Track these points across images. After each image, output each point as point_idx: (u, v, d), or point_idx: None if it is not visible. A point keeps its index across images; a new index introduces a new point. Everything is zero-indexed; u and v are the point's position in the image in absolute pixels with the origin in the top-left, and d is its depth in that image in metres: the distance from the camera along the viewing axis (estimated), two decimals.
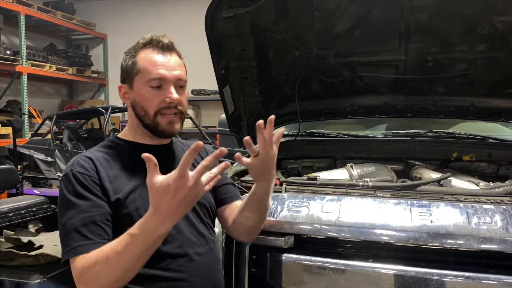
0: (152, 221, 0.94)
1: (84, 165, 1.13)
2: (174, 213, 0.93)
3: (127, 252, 0.96)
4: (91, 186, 1.09)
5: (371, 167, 1.84)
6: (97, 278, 0.99)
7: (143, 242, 0.95)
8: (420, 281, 1.22)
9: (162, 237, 0.97)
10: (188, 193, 0.91)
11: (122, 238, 0.98)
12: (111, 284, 0.99)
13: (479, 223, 1.22)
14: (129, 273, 0.99)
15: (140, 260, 0.98)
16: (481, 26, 1.79)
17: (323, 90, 2.19)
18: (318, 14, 1.84)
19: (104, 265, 0.98)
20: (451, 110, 2.15)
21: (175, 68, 1.18)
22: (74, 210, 1.06)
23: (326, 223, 1.34)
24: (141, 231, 0.95)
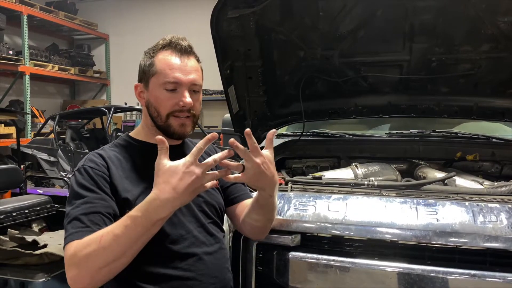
0: (154, 202, 0.95)
1: (95, 161, 1.15)
2: (177, 197, 0.94)
3: (124, 234, 0.96)
4: (100, 181, 1.11)
5: (376, 167, 1.85)
6: (88, 260, 0.97)
7: (142, 224, 0.95)
8: (426, 279, 1.23)
9: (161, 222, 0.97)
10: (194, 180, 0.93)
11: (121, 220, 0.98)
12: (102, 269, 0.97)
13: (485, 222, 1.23)
14: (122, 257, 0.98)
15: (135, 244, 0.98)
16: (485, 26, 1.80)
17: (327, 90, 2.20)
18: (322, 14, 1.85)
19: (97, 247, 0.97)
20: (454, 110, 2.16)
21: (191, 72, 1.19)
22: (79, 200, 1.08)
23: (333, 222, 1.35)
24: (142, 212, 0.96)
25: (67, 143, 5.58)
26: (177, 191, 0.94)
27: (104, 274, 0.99)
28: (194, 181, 0.94)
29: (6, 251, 2.43)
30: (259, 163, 1.05)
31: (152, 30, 7.20)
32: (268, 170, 1.07)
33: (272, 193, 1.14)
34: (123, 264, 1.00)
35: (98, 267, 0.97)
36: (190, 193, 0.95)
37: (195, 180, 0.94)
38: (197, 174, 0.94)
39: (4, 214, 2.87)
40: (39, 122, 6.80)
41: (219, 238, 1.26)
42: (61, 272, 2.44)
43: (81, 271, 0.98)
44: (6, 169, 3.43)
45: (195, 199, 1.22)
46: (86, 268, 0.97)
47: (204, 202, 1.24)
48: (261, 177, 1.07)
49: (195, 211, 1.21)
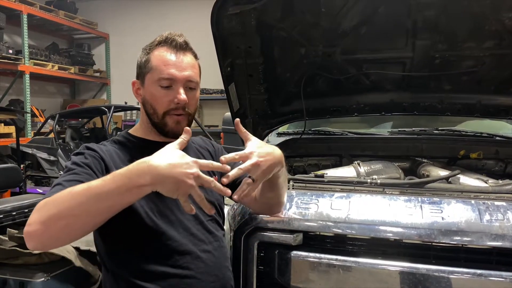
0: (141, 164, 0.91)
1: (91, 147, 1.15)
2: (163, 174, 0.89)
3: (97, 186, 0.91)
4: (92, 162, 1.10)
5: (378, 165, 1.82)
6: (52, 203, 0.92)
7: (118, 183, 0.90)
8: (431, 279, 1.20)
9: (136, 192, 0.91)
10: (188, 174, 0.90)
11: (103, 177, 0.95)
12: (60, 218, 0.91)
13: (491, 220, 1.21)
14: (83, 215, 0.91)
15: (102, 203, 0.91)
16: (489, 22, 1.77)
17: (329, 87, 2.18)
18: (324, 11, 1.82)
19: (66, 192, 0.92)
20: (457, 107, 2.14)
21: (187, 68, 1.17)
22: (67, 172, 1.07)
23: (336, 220, 1.32)
24: (125, 171, 0.91)
25: (67, 142, 5.57)
26: (169, 167, 0.89)
27: (59, 227, 0.91)
28: (188, 174, 0.90)
29: (5, 251, 2.42)
30: (256, 161, 1.03)
31: (152, 29, 7.14)
32: (267, 155, 1.06)
33: (282, 165, 1.13)
34: (81, 226, 0.93)
35: (56, 214, 0.90)
36: (175, 183, 0.90)
37: (190, 175, 0.90)
38: (195, 173, 0.92)
39: (3, 213, 2.86)
40: (39, 121, 6.79)
41: (219, 236, 1.24)
42: (61, 272, 2.43)
43: (39, 216, 0.91)
44: (5, 169, 3.41)
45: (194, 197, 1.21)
46: (48, 212, 0.91)
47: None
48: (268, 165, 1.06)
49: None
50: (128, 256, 1.12)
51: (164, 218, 1.13)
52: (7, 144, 5.84)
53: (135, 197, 0.94)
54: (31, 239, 0.93)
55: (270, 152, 1.07)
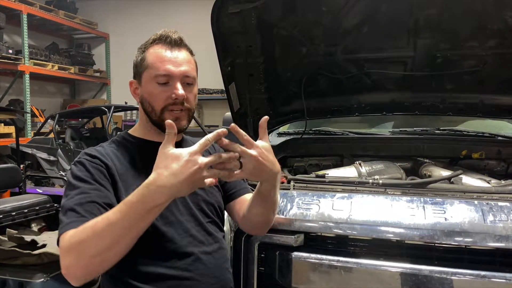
0: (151, 187, 0.90)
1: (92, 154, 1.13)
2: (175, 185, 0.89)
3: (118, 220, 0.92)
4: (95, 173, 1.08)
5: (380, 165, 1.81)
6: (80, 246, 0.93)
7: (137, 211, 0.91)
8: (434, 280, 1.19)
9: (157, 209, 0.93)
10: (196, 170, 0.89)
11: (117, 206, 0.95)
12: (95, 257, 0.93)
13: (495, 221, 1.20)
14: (115, 246, 0.93)
15: (129, 232, 0.93)
16: (492, 21, 1.76)
17: (330, 87, 2.17)
18: (325, 9, 1.81)
19: (90, 233, 0.93)
20: (459, 107, 2.13)
21: (183, 64, 1.16)
22: (74, 191, 1.05)
23: (337, 221, 1.31)
24: (137, 197, 0.91)
25: (67, 142, 5.55)
26: (177, 177, 0.89)
27: (97, 263, 0.94)
28: (196, 171, 0.89)
29: (4, 251, 2.41)
30: (256, 155, 0.99)
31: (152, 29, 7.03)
32: (267, 160, 1.02)
33: (275, 183, 1.09)
34: (116, 255, 0.95)
35: (91, 255, 0.93)
36: (189, 184, 0.90)
37: (197, 170, 0.89)
38: (200, 165, 0.90)
39: (3, 213, 2.85)
40: (38, 121, 6.77)
41: (218, 237, 1.23)
42: (60, 272, 2.41)
43: (74, 259, 0.94)
44: (5, 169, 3.41)
45: (194, 198, 1.20)
46: (79, 255, 0.93)
47: (203, 201, 1.22)
48: (262, 169, 1.02)
49: (193, 209, 1.19)
50: (127, 258, 1.10)
51: (163, 219, 1.12)
52: (7, 144, 5.83)
53: (157, 214, 0.95)
54: (72, 279, 0.97)
55: (271, 161, 1.04)
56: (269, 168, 1.03)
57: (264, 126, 1.07)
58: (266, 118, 1.08)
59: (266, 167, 1.02)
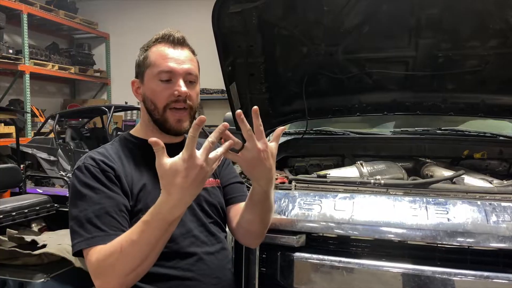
0: (165, 205, 0.92)
1: (96, 158, 1.12)
2: (187, 193, 0.91)
3: (142, 239, 0.94)
4: (103, 179, 1.08)
5: (382, 165, 1.81)
6: (113, 269, 0.97)
7: (158, 228, 0.94)
8: (436, 281, 1.19)
9: (177, 220, 0.95)
10: (199, 172, 0.90)
11: (136, 226, 0.96)
12: (129, 274, 0.97)
13: (498, 221, 1.19)
14: (146, 261, 0.97)
15: (156, 246, 0.96)
16: (493, 21, 1.75)
17: (331, 87, 2.16)
18: (326, 9, 1.80)
19: (119, 256, 0.96)
20: (461, 107, 2.12)
21: (185, 62, 1.16)
22: (86, 201, 1.05)
23: (339, 221, 1.31)
24: (155, 216, 0.93)
25: (67, 142, 5.55)
26: (185, 188, 0.90)
27: (132, 278, 0.98)
28: (199, 173, 0.90)
29: (5, 251, 2.40)
30: (260, 149, 0.99)
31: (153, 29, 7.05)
32: (267, 161, 1.01)
33: (268, 189, 1.08)
34: (150, 264, 0.99)
35: (125, 274, 0.97)
36: (198, 184, 0.92)
37: (200, 171, 0.90)
38: (200, 165, 0.90)
39: (3, 213, 2.84)
40: (39, 121, 6.77)
41: (221, 238, 1.22)
42: (60, 272, 2.41)
43: (109, 279, 0.98)
44: (5, 169, 3.40)
45: (196, 198, 1.19)
46: (113, 276, 0.97)
47: (206, 202, 1.21)
48: (258, 165, 1.01)
49: (195, 210, 1.18)
50: None
51: None
52: (7, 144, 5.82)
53: (178, 221, 0.97)
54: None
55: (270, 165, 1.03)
56: (265, 169, 1.02)
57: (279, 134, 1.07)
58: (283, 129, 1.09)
59: (263, 166, 1.01)
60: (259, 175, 1.04)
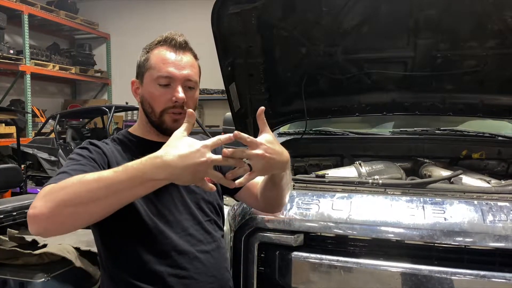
0: (154, 160, 0.89)
1: (95, 143, 1.15)
2: (178, 167, 0.88)
3: (108, 177, 0.89)
4: (96, 157, 1.10)
5: (380, 165, 1.81)
6: (59, 190, 0.90)
7: (131, 176, 0.88)
8: (433, 280, 1.19)
9: (150, 185, 0.90)
10: (203, 162, 0.89)
11: (113, 168, 0.94)
12: (67, 205, 0.88)
13: (494, 221, 1.20)
14: (91, 204, 0.89)
15: (113, 195, 0.89)
16: (492, 21, 1.76)
17: (330, 87, 2.17)
18: (325, 10, 1.81)
19: (76, 180, 0.90)
20: (459, 107, 2.12)
21: (186, 67, 1.16)
22: (71, 162, 1.06)
23: (337, 221, 1.31)
24: (137, 164, 0.89)
25: (68, 143, 5.56)
26: (183, 161, 0.88)
27: (66, 214, 0.89)
28: (202, 162, 0.89)
29: (5, 251, 2.41)
30: (263, 153, 0.98)
31: (153, 29, 7.11)
32: (274, 153, 1.00)
33: (286, 169, 1.10)
34: (88, 215, 0.91)
35: (65, 200, 0.88)
36: (191, 173, 0.89)
37: (204, 162, 0.89)
38: (208, 159, 0.89)
39: (4, 213, 2.85)
40: (39, 121, 6.78)
41: (217, 237, 1.23)
42: (61, 272, 2.42)
43: (46, 200, 0.89)
44: (6, 169, 3.41)
45: (193, 197, 1.20)
46: (53, 199, 0.89)
47: (202, 200, 1.22)
48: (271, 164, 1.01)
49: (191, 208, 1.19)
50: (125, 256, 1.11)
51: (162, 218, 1.12)
52: (8, 144, 5.83)
53: (148, 190, 0.92)
54: (35, 223, 0.90)
55: (278, 151, 1.03)
56: (278, 160, 1.02)
57: (262, 117, 1.06)
58: (262, 109, 1.07)
59: (274, 160, 1.01)
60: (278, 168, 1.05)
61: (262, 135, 1.03)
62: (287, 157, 1.07)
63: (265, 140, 1.01)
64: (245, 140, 0.97)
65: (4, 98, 6.71)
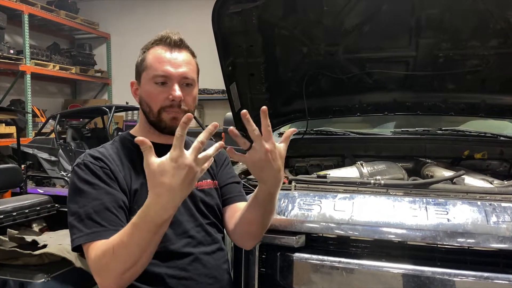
0: (153, 207, 0.90)
1: (95, 156, 1.13)
2: (176, 195, 0.88)
3: (132, 242, 0.93)
4: (102, 175, 1.08)
5: (382, 165, 1.80)
6: (108, 268, 0.97)
7: (147, 230, 0.92)
8: (436, 281, 1.18)
9: (167, 222, 0.94)
10: (188, 172, 0.87)
11: (127, 228, 0.95)
12: (124, 274, 0.96)
13: (498, 222, 1.19)
14: (139, 262, 0.96)
15: (147, 248, 0.95)
16: (494, 21, 1.75)
17: (331, 87, 2.16)
18: (327, 9, 1.80)
19: (112, 257, 0.96)
20: (461, 107, 2.11)
21: (181, 65, 1.16)
22: (86, 197, 1.05)
23: (339, 222, 1.30)
24: (144, 218, 0.91)
25: (68, 143, 5.55)
26: (174, 189, 0.87)
27: (128, 276, 0.98)
28: (187, 173, 0.87)
29: (5, 251, 2.41)
30: (268, 149, 0.97)
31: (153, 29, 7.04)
32: (274, 162, 0.99)
33: (274, 191, 1.06)
34: (144, 264, 0.98)
35: (120, 274, 0.96)
36: (188, 185, 0.89)
37: (189, 172, 0.87)
38: (189, 165, 0.87)
39: (4, 214, 2.85)
40: (40, 121, 6.78)
41: (218, 238, 1.23)
42: (61, 272, 2.41)
43: (106, 278, 0.98)
44: (6, 169, 3.41)
45: (194, 199, 1.19)
46: (109, 275, 0.97)
47: (203, 202, 1.22)
48: (266, 166, 0.99)
49: (192, 210, 1.18)
50: None
51: None
52: (8, 144, 5.83)
53: (169, 222, 0.95)
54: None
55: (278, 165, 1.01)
56: (273, 170, 1.00)
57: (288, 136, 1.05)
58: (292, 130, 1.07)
59: (270, 167, 0.99)
60: (267, 177, 1.02)
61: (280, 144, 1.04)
62: (280, 179, 1.05)
63: (278, 146, 1.01)
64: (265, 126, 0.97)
65: (4, 98, 6.71)
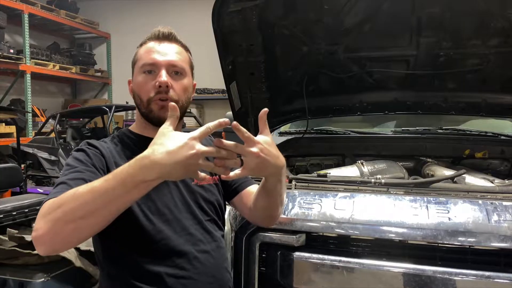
0: (143, 161, 0.86)
1: (93, 144, 1.14)
2: (169, 165, 0.85)
3: (101, 187, 0.87)
4: (94, 159, 1.09)
5: (382, 164, 1.80)
6: (57, 210, 0.89)
7: (124, 182, 0.86)
8: (437, 280, 1.18)
9: (143, 187, 0.88)
10: (192, 155, 0.85)
11: (103, 177, 0.91)
12: (68, 223, 0.88)
13: (499, 221, 1.18)
14: (91, 216, 0.88)
15: (110, 204, 0.88)
16: (495, 20, 1.75)
17: (332, 86, 2.15)
18: (327, 8, 1.80)
19: (70, 197, 0.89)
20: (462, 106, 2.11)
21: (169, 53, 1.17)
22: (70, 169, 1.05)
23: (339, 221, 1.30)
24: (127, 168, 0.87)
25: (68, 142, 5.55)
26: (171, 157, 0.85)
27: (68, 231, 0.88)
28: (192, 155, 0.85)
29: (5, 251, 2.40)
30: (258, 152, 0.95)
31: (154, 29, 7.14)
32: (269, 155, 0.97)
33: (280, 177, 1.05)
34: (91, 227, 0.90)
35: (65, 220, 0.88)
36: (182, 167, 0.86)
37: (193, 155, 0.85)
38: (197, 151, 0.85)
39: (3, 213, 2.84)
40: (40, 121, 6.78)
41: (217, 236, 1.21)
42: (61, 272, 2.41)
43: (47, 222, 0.89)
44: (6, 168, 3.40)
45: (193, 196, 1.19)
46: (53, 219, 0.88)
47: (203, 199, 1.21)
48: (265, 165, 0.97)
49: (192, 207, 1.17)
50: (123, 256, 1.10)
51: (161, 217, 1.11)
52: (8, 143, 5.83)
53: (143, 192, 0.90)
54: (41, 245, 0.91)
55: (274, 154, 1.00)
56: (272, 162, 0.99)
57: (264, 118, 1.02)
58: (265, 110, 1.03)
59: (269, 162, 0.98)
60: (270, 171, 1.02)
61: (261, 135, 1.01)
62: (282, 162, 1.03)
63: (262, 140, 0.98)
64: (243, 135, 0.94)
65: (4, 97, 6.71)
